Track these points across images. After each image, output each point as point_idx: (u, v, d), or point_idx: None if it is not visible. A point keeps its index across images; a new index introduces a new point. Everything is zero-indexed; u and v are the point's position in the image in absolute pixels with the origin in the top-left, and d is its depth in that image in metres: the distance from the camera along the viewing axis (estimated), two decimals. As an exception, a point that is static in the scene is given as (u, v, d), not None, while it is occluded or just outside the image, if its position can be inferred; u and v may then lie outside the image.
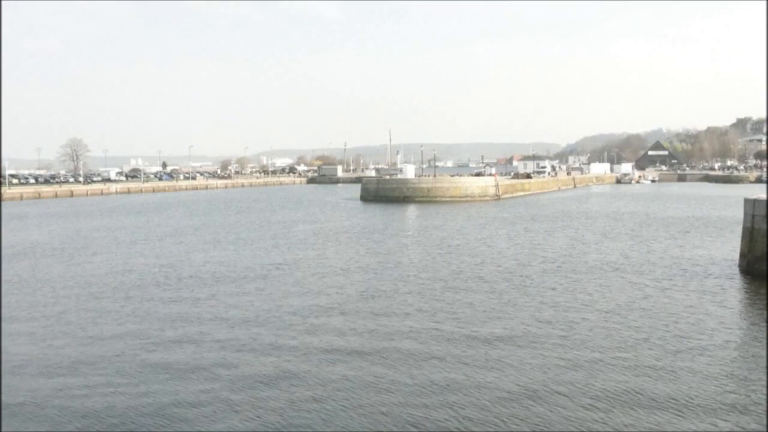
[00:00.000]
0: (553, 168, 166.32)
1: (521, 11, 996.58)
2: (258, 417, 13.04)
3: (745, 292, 24.64)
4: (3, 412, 13.45)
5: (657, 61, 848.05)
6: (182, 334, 19.17)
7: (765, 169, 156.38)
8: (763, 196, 27.63)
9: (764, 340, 17.71)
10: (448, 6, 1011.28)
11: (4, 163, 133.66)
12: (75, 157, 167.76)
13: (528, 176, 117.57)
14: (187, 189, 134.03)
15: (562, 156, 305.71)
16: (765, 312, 21.02)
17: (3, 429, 12.72)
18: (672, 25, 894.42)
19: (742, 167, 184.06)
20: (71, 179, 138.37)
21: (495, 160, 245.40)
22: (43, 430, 12.70)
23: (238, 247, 39.18)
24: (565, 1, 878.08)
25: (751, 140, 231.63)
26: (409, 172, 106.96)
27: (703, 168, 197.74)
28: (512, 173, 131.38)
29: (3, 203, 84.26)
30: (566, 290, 24.75)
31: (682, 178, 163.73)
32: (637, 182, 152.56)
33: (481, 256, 33.79)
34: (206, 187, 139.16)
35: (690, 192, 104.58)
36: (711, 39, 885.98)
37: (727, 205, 70.01)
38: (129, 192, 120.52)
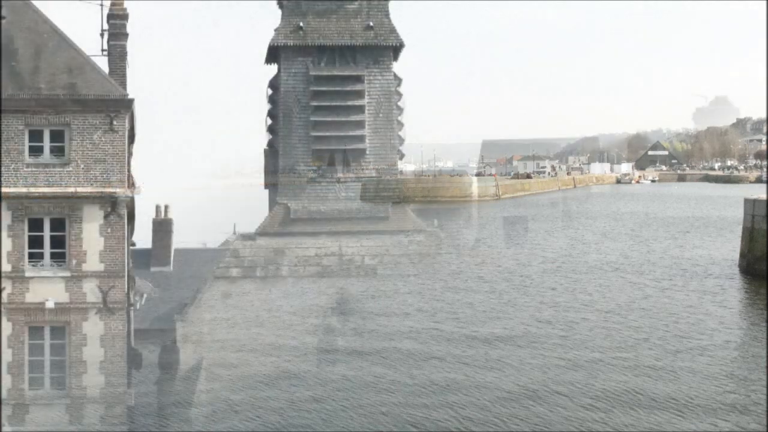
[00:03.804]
0: (553, 168, 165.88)
1: (521, 11, 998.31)
2: (258, 417, 13.03)
3: (745, 292, 24.63)
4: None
5: (657, 61, 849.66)
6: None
7: (765, 169, 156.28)
8: (763, 196, 27.63)
9: (764, 340, 17.69)
10: (448, 6, 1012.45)
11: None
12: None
13: (528, 176, 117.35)
14: None
15: (562, 156, 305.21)
16: (765, 312, 21.00)
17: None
18: (672, 24, 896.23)
19: (742, 167, 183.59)
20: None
21: (495, 160, 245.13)
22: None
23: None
24: (565, 1, 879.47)
25: (751, 140, 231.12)
26: (409, 172, 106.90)
27: (703, 168, 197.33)
28: (512, 173, 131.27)
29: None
30: (566, 290, 24.73)
31: (682, 178, 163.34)
32: (637, 182, 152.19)
33: (481, 256, 33.77)
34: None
35: (690, 192, 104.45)
36: (711, 39, 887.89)
37: (727, 205, 69.80)
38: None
